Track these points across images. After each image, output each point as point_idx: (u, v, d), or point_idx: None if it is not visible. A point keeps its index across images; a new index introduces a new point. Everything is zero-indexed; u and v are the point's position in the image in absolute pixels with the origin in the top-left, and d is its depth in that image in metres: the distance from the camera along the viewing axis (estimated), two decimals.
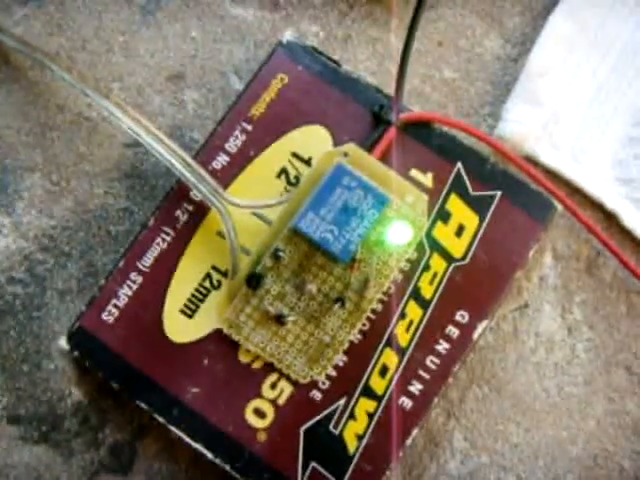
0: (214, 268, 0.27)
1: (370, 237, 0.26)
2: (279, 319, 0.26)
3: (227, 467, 0.26)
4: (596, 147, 0.29)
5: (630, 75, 0.29)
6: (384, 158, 0.27)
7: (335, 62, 0.28)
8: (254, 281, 0.26)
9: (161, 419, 0.26)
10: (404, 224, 0.26)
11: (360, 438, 0.26)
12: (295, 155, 0.27)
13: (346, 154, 0.26)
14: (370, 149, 0.27)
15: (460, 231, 0.27)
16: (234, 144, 0.28)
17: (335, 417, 0.26)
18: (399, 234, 0.26)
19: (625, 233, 0.29)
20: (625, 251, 0.29)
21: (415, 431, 0.26)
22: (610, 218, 0.29)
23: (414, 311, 0.26)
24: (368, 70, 0.31)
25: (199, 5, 0.31)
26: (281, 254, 0.26)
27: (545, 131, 0.29)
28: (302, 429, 0.26)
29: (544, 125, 0.29)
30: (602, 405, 0.28)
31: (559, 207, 0.27)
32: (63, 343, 0.27)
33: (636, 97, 0.29)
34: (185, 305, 0.27)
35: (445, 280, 0.27)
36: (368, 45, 0.31)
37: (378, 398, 0.26)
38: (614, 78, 0.29)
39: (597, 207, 0.29)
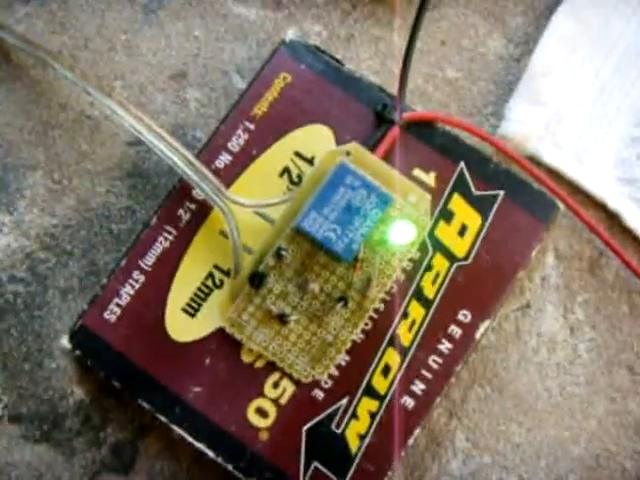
0: (216, 267, 0.27)
1: (373, 236, 0.26)
2: (281, 318, 0.26)
3: (229, 466, 0.26)
4: (599, 147, 0.29)
5: (633, 75, 0.29)
6: (387, 157, 0.27)
7: (338, 61, 0.28)
8: (257, 280, 0.26)
9: (163, 418, 0.26)
10: (407, 223, 0.26)
11: (362, 438, 0.26)
12: (298, 154, 0.27)
13: (349, 153, 0.26)
14: (373, 148, 0.27)
15: (463, 231, 0.27)
16: (237, 143, 0.27)
17: (337, 416, 0.26)
18: (402, 233, 0.26)
19: (627, 233, 0.29)
20: (627, 251, 0.29)
21: (417, 431, 0.26)
22: (612, 218, 0.29)
23: (416, 311, 0.26)
24: (371, 69, 0.30)
25: (202, 4, 0.31)
26: (284, 253, 0.26)
27: (548, 131, 0.29)
28: (304, 428, 0.26)
29: (547, 125, 0.29)
30: (604, 405, 0.28)
31: (561, 207, 0.27)
32: (65, 342, 0.27)
33: (639, 97, 0.29)
34: (187, 304, 0.27)
35: (447, 280, 0.26)
36: (371, 44, 0.31)
37: (380, 398, 0.26)
38: (617, 78, 0.29)
39: (600, 207, 0.29)
